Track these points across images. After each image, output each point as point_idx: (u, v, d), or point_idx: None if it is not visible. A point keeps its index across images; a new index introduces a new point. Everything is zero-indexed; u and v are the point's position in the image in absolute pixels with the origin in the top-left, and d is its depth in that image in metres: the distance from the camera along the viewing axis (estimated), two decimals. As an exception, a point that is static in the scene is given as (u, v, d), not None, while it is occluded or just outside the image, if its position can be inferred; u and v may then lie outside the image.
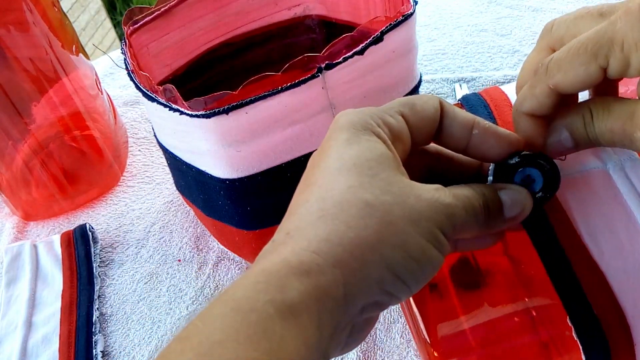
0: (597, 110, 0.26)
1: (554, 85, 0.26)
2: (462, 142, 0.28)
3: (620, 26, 0.24)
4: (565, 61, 0.25)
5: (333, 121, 0.27)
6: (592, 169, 0.29)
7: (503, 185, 0.27)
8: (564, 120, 0.27)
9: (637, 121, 0.24)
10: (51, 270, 0.53)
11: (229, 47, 0.55)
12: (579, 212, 0.28)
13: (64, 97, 0.56)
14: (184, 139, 0.41)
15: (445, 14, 0.77)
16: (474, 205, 0.25)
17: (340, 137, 0.26)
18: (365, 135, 0.26)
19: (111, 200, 0.61)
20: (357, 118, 0.26)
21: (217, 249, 0.53)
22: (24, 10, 0.50)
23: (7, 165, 0.56)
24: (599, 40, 0.24)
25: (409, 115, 0.27)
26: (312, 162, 0.27)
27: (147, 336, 0.48)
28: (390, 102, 0.28)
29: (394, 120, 0.27)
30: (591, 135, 0.26)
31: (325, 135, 0.27)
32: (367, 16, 0.51)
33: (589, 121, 0.26)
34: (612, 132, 0.25)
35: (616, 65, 0.24)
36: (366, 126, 0.26)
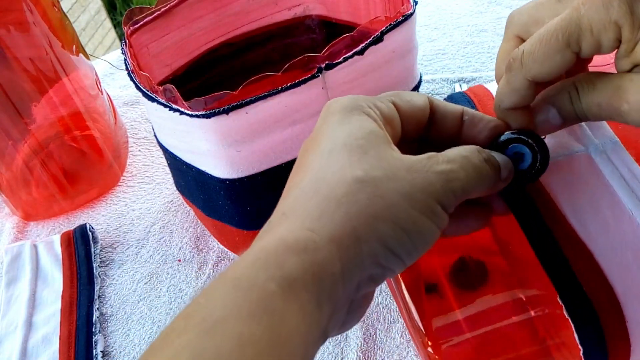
0: (581, 85, 0.27)
1: (532, 77, 0.27)
2: (454, 130, 0.29)
3: (584, 11, 0.25)
4: (539, 52, 0.26)
5: (325, 106, 0.28)
6: (575, 152, 0.30)
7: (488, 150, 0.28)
8: (551, 98, 0.28)
9: (623, 94, 0.25)
10: (51, 270, 0.53)
11: (229, 47, 0.55)
12: (564, 194, 0.29)
13: (64, 97, 0.56)
14: (184, 139, 0.41)
15: (445, 14, 0.77)
16: (474, 163, 0.26)
17: (332, 119, 0.27)
18: (355, 114, 0.26)
19: (111, 200, 0.61)
20: (349, 101, 0.27)
21: (217, 249, 0.53)
22: (24, 10, 0.50)
23: (7, 165, 0.56)
24: (568, 28, 0.25)
25: (400, 103, 0.28)
26: (305, 146, 0.27)
27: (147, 336, 0.48)
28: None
29: (385, 105, 0.27)
30: (578, 110, 0.27)
31: (317, 121, 0.28)
32: (367, 16, 0.51)
33: (575, 97, 0.27)
34: (599, 106, 0.26)
35: (589, 48, 0.25)
36: (357, 107, 0.27)
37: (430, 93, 0.65)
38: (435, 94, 0.65)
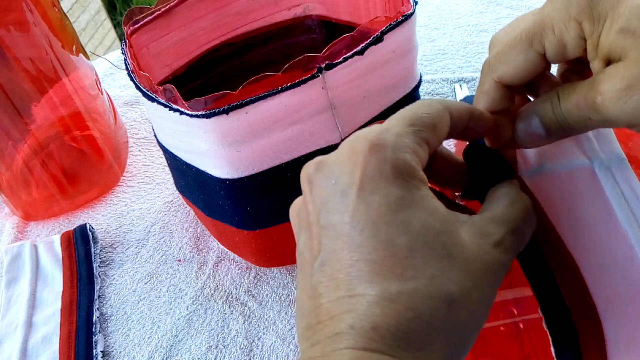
0: (562, 91, 0.26)
1: (498, 78, 0.27)
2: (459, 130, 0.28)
3: (547, 11, 0.25)
4: (504, 53, 0.26)
5: (363, 152, 0.24)
6: (579, 165, 0.29)
7: None
8: (533, 106, 0.28)
9: (597, 87, 0.24)
10: (51, 270, 0.53)
11: (229, 47, 0.55)
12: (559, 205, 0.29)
13: (64, 97, 0.56)
14: (184, 139, 0.41)
15: (445, 14, 0.77)
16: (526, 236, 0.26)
17: (389, 192, 0.23)
18: (416, 189, 0.24)
19: (111, 200, 0.61)
20: (400, 161, 0.24)
21: (217, 249, 0.53)
22: (24, 10, 0.50)
23: (7, 165, 0.56)
24: (532, 28, 0.25)
25: (432, 142, 0.26)
26: (356, 219, 0.23)
27: (147, 336, 0.48)
28: (413, 116, 0.25)
29: (423, 152, 0.25)
30: (559, 117, 0.26)
31: (354, 177, 0.24)
32: (367, 16, 0.51)
33: (556, 103, 0.26)
34: (577, 106, 0.25)
35: (552, 48, 0.25)
36: (411, 173, 0.24)
37: (430, 93, 0.65)
38: (435, 94, 0.65)
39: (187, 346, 0.47)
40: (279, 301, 0.49)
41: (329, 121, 0.40)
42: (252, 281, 0.50)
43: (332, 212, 0.24)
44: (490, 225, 0.24)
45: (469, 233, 0.24)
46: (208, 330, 0.48)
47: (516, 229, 0.25)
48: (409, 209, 0.23)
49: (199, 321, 0.48)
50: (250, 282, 0.50)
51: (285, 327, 0.47)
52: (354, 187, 0.24)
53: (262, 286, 0.50)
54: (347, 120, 0.41)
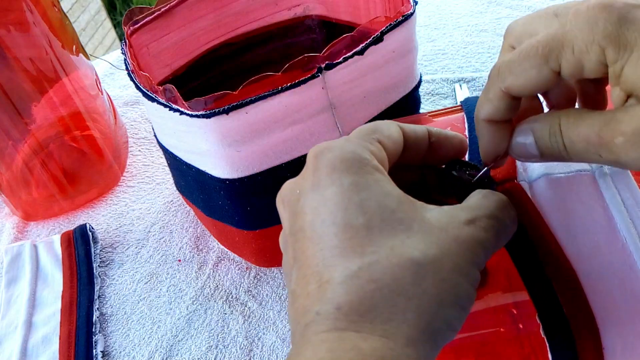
0: (567, 119, 0.24)
1: (506, 88, 0.25)
2: (421, 153, 0.28)
3: (569, 28, 0.23)
4: (516, 64, 0.25)
5: (313, 158, 0.25)
6: (579, 171, 0.29)
7: None
8: (532, 124, 0.26)
9: (616, 126, 0.22)
10: (51, 270, 0.53)
11: (229, 48, 0.55)
12: (558, 211, 0.28)
13: (64, 97, 0.56)
14: (184, 139, 0.41)
15: (445, 14, 0.77)
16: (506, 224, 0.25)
17: (342, 181, 0.24)
18: (367, 173, 0.24)
19: (111, 200, 0.61)
20: (349, 153, 0.25)
21: (217, 249, 0.53)
22: (24, 10, 0.50)
23: (7, 165, 0.56)
24: (549, 43, 0.24)
25: (384, 140, 0.26)
26: (317, 213, 0.24)
27: (147, 336, 0.48)
28: (358, 129, 0.27)
29: (375, 148, 0.26)
30: (555, 145, 0.25)
31: (312, 180, 0.25)
32: (367, 16, 0.51)
33: (556, 132, 0.25)
34: (586, 141, 0.24)
35: (568, 68, 0.23)
36: (361, 161, 0.24)
37: (430, 93, 0.65)
38: (435, 94, 0.65)
39: (187, 346, 0.47)
40: (279, 301, 0.49)
41: (329, 121, 0.40)
42: (252, 281, 0.50)
43: (297, 217, 0.25)
44: (460, 210, 0.24)
45: (436, 214, 0.24)
46: (208, 330, 0.48)
47: (491, 215, 0.24)
48: (363, 192, 0.23)
49: (199, 321, 0.48)
50: (250, 282, 0.50)
51: (285, 327, 0.47)
52: (310, 188, 0.25)
53: (262, 286, 0.50)
54: (347, 120, 0.41)
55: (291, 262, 0.25)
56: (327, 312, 0.22)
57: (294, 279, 0.24)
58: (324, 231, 0.23)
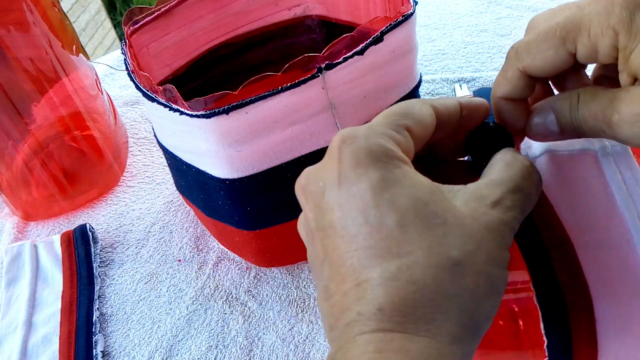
0: (584, 95, 0.26)
1: (523, 67, 0.26)
2: (452, 128, 0.28)
3: (588, 11, 0.24)
4: (534, 44, 0.26)
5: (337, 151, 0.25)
6: (582, 149, 0.29)
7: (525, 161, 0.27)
8: (552, 102, 0.27)
9: (616, 104, 0.24)
10: (51, 270, 0.53)
11: (229, 48, 0.55)
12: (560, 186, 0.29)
13: (64, 97, 0.56)
14: (184, 139, 0.41)
15: (445, 14, 0.77)
16: (531, 193, 0.25)
17: (370, 176, 0.23)
18: (396, 168, 0.24)
19: (111, 200, 0.61)
20: (374, 145, 0.24)
21: (217, 249, 0.53)
22: (24, 10, 0.50)
23: (7, 165, 0.56)
24: (567, 25, 0.24)
25: (413, 127, 0.26)
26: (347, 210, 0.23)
27: (147, 336, 0.48)
28: (388, 111, 0.26)
29: (402, 138, 0.25)
30: (574, 120, 0.26)
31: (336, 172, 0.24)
32: (367, 16, 0.51)
33: (575, 106, 0.26)
34: (594, 117, 0.25)
35: (584, 51, 0.24)
36: (388, 153, 0.24)
37: (430, 93, 0.65)
38: (435, 94, 0.65)
39: (187, 346, 0.47)
40: (279, 301, 0.49)
41: (329, 121, 0.40)
42: (252, 281, 0.50)
43: (324, 212, 0.24)
44: (485, 188, 0.24)
45: (463, 199, 0.24)
46: (208, 330, 0.48)
47: (516, 188, 0.25)
48: (392, 188, 0.23)
49: (199, 321, 0.48)
50: (250, 282, 0.50)
51: (285, 327, 0.47)
52: (336, 182, 0.24)
53: (262, 286, 0.50)
54: (347, 120, 0.41)
55: (321, 256, 0.25)
56: (369, 312, 0.22)
57: (327, 275, 0.24)
58: (357, 230, 0.23)
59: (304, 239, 0.27)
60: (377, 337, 0.21)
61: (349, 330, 0.22)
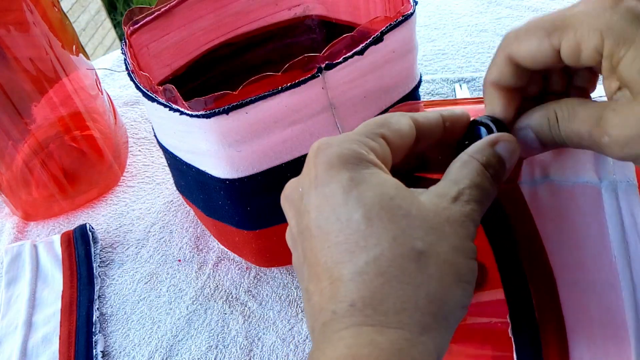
0: (562, 112, 0.26)
1: (508, 53, 0.26)
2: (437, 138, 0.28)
3: (578, 11, 0.24)
4: (521, 32, 0.26)
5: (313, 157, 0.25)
6: (585, 182, 0.29)
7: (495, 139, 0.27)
8: (529, 120, 0.27)
9: (605, 126, 0.24)
10: (51, 270, 0.53)
11: (229, 48, 0.55)
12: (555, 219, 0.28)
13: (64, 97, 0.56)
14: (184, 139, 0.41)
15: (445, 14, 0.77)
16: (486, 188, 0.25)
17: (340, 177, 0.24)
18: (363, 168, 0.24)
19: (111, 200, 0.61)
20: (346, 150, 0.25)
21: (217, 249, 0.53)
22: (24, 10, 0.50)
23: (7, 165, 0.56)
24: (556, 21, 0.25)
25: (389, 136, 0.26)
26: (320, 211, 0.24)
27: (147, 336, 0.48)
28: (365, 122, 0.27)
29: (377, 144, 0.26)
30: (557, 138, 0.26)
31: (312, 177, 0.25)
32: (367, 16, 0.51)
33: (555, 124, 0.26)
34: (579, 136, 0.25)
35: (567, 49, 0.24)
36: (357, 157, 0.25)
37: (430, 93, 0.65)
38: (435, 94, 0.65)
39: (187, 346, 0.47)
40: (279, 301, 0.49)
41: (329, 121, 0.40)
42: (252, 281, 0.50)
43: (303, 215, 0.25)
44: (445, 187, 0.25)
45: (427, 197, 0.24)
46: (208, 330, 0.48)
47: (472, 184, 0.25)
48: (360, 186, 0.24)
49: (199, 321, 0.48)
50: (250, 282, 0.50)
51: (285, 327, 0.47)
52: (312, 185, 0.25)
53: (262, 286, 0.50)
54: (347, 120, 0.41)
55: (302, 259, 0.25)
56: (343, 310, 0.22)
57: (306, 276, 0.24)
58: (329, 228, 0.24)
59: (290, 247, 0.28)
60: (350, 332, 0.22)
61: (326, 329, 0.22)
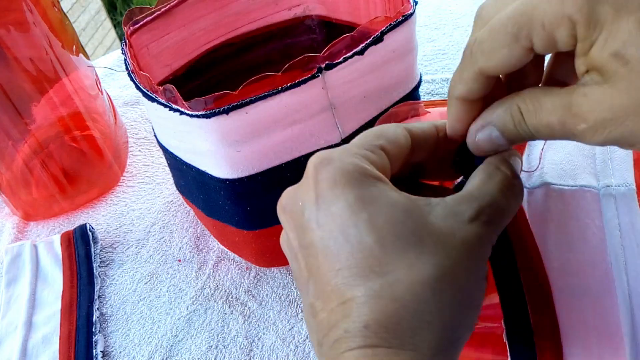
0: (526, 106, 0.24)
1: (479, 69, 0.25)
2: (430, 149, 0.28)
3: (537, 1, 0.22)
4: (487, 44, 0.24)
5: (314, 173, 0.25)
6: (584, 187, 0.29)
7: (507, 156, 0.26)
8: (492, 117, 0.25)
9: (577, 112, 0.22)
10: (51, 270, 0.53)
11: (229, 47, 0.55)
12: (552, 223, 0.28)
13: (64, 97, 0.56)
14: (184, 139, 0.41)
15: (445, 14, 0.77)
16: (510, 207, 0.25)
17: (347, 196, 0.24)
18: (369, 184, 0.24)
19: (111, 200, 0.61)
20: (348, 165, 0.24)
21: (217, 249, 0.53)
22: (24, 10, 0.50)
23: (7, 165, 0.56)
24: (518, 19, 0.22)
25: (388, 147, 0.26)
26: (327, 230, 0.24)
27: (147, 336, 0.48)
28: (362, 134, 0.27)
29: (377, 157, 0.26)
30: (524, 132, 0.24)
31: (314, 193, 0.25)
32: (367, 16, 0.51)
33: (519, 119, 0.24)
34: (550, 127, 0.23)
35: (542, 44, 0.22)
36: (362, 172, 0.24)
37: (430, 93, 0.65)
38: (435, 94, 0.65)
39: (187, 346, 0.47)
40: (279, 301, 0.49)
41: (329, 121, 0.40)
42: (252, 281, 0.50)
43: (305, 231, 0.25)
44: (462, 203, 0.24)
45: (441, 215, 0.24)
46: (208, 330, 0.48)
47: (492, 202, 0.24)
48: (369, 206, 0.24)
49: (199, 321, 0.48)
50: (250, 282, 0.50)
51: (285, 327, 0.47)
52: (315, 203, 0.25)
53: (262, 286, 0.50)
54: (347, 120, 0.41)
55: (305, 274, 0.25)
56: (355, 329, 0.22)
57: (312, 292, 0.25)
58: (339, 250, 0.23)
59: (287, 256, 0.28)
60: (364, 352, 0.22)
61: (337, 347, 0.23)
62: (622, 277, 0.27)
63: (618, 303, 0.27)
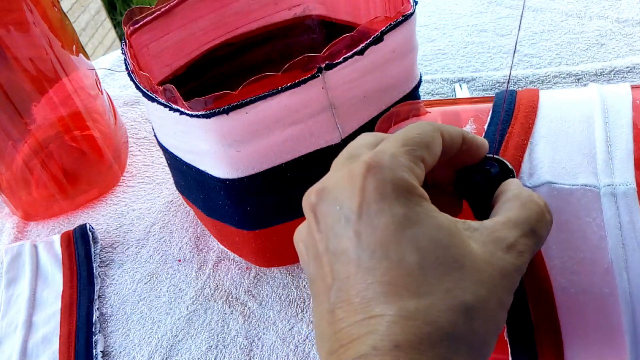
0: None
1: None
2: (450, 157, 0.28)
3: None
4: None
5: (362, 177, 0.24)
6: (585, 186, 0.29)
7: None
8: None
9: None
10: (51, 270, 0.53)
11: (229, 47, 0.55)
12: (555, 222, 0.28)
13: (64, 97, 0.56)
14: (184, 139, 0.41)
15: (445, 14, 0.77)
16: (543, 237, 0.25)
17: (394, 212, 0.24)
18: (418, 206, 0.24)
19: (111, 200, 0.61)
20: (399, 180, 0.24)
21: (217, 249, 0.53)
22: (24, 10, 0.50)
23: (7, 165, 0.56)
24: None
25: (427, 159, 0.26)
26: (365, 241, 0.24)
27: (147, 336, 0.48)
28: (407, 137, 0.26)
29: (420, 171, 0.25)
30: None
31: (357, 200, 0.24)
32: (367, 16, 0.51)
33: None
34: None
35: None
36: (411, 190, 0.24)
37: (430, 93, 0.65)
38: (435, 94, 0.65)
39: (187, 346, 0.47)
40: (279, 301, 0.49)
41: (329, 121, 0.40)
42: (252, 281, 0.50)
43: (340, 238, 0.24)
44: (502, 229, 0.25)
45: (481, 241, 0.24)
46: (208, 330, 0.48)
47: (530, 231, 0.25)
48: (415, 227, 0.23)
49: (199, 321, 0.48)
50: (250, 282, 0.50)
51: (285, 327, 0.47)
52: (358, 211, 0.24)
53: (262, 286, 0.50)
54: (347, 120, 0.41)
55: (329, 281, 0.25)
56: (385, 348, 0.22)
57: (334, 300, 0.24)
58: (375, 264, 0.23)
59: (301, 253, 0.27)
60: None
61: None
62: (622, 276, 0.27)
63: (619, 301, 0.27)
